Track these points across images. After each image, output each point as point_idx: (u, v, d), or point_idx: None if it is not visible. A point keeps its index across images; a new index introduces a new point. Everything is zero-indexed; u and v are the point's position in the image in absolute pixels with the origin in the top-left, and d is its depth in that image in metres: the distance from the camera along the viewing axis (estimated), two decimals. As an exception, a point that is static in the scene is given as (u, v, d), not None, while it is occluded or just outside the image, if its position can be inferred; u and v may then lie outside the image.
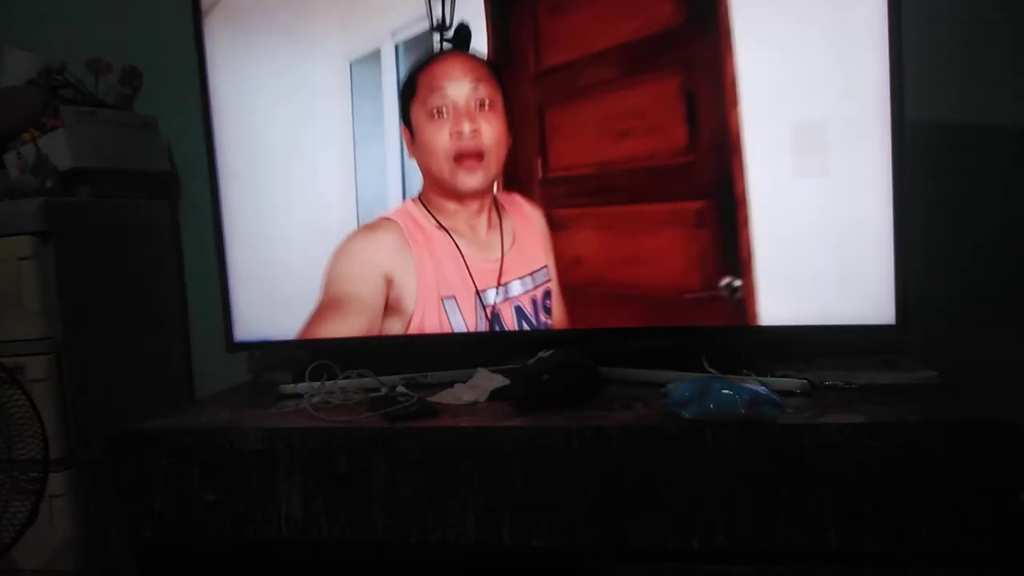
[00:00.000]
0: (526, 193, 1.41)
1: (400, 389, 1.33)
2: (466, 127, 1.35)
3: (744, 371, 1.20)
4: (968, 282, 1.46)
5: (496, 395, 1.27)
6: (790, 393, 1.16)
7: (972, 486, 1.00)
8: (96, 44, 1.76)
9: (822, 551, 1.03)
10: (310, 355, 1.39)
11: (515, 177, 1.42)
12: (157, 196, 1.75)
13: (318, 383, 1.33)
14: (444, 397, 1.29)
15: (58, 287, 1.44)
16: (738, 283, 1.29)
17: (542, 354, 1.27)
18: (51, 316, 1.43)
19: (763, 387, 1.09)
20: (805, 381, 1.19)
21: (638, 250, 1.36)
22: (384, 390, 1.33)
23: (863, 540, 1.02)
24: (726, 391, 1.07)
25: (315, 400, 1.30)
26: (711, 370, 1.22)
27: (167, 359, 1.74)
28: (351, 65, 1.46)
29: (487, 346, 1.41)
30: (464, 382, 1.33)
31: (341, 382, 1.35)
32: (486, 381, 1.31)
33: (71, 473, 1.43)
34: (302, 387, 1.35)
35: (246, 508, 1.20)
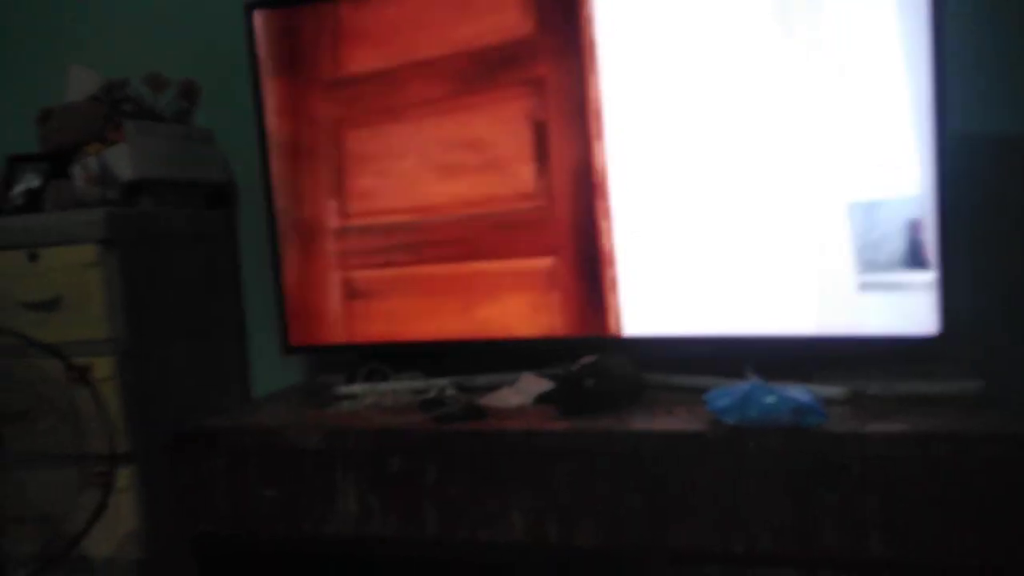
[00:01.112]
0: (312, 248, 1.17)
1: (449, 392, 1.37)
2: None
3: (787, 379, 1.22)
4: (1017, 290, 1.46)
5: (541, 399, 1.30)
6: (833, 401, 1.18)
7: (1020, 498, 1.00)
8: (155, 60, 1.84)
9: (867, 559, 1.05)
10: (363, 358, 1.45)
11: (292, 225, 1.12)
12: (215, 205, 1.82)
13: (371, 385, 1.39)
14: (491, 400, 1.33)
15: (122, 292, 1.51)
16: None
17: (586, 359, 1.30)
18: (115, 319, 1.50)
19: (806, 395, 1.11)
20: (848, 390, 1.20)
21: (472, 323, 1.12)
22: (434, 392, 1.38)
23: (908, 550, 1.03)
24: (769, 399, 1.09)
25: (368, 402, 1.35)
26: (754, 377, 1.24)
27: (225, 361, 1.81)
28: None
29: (534, 350, 1.45)
30: (511, 385, 1.37)
31: (393, 384, 1.40)
32: (532, 385, 1.35)
33: (136, 468, 1.50)
34: (356, 389, 1.40)
35: (303, 505, 1.25)
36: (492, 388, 1.38)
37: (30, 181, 1.68)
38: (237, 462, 1.27)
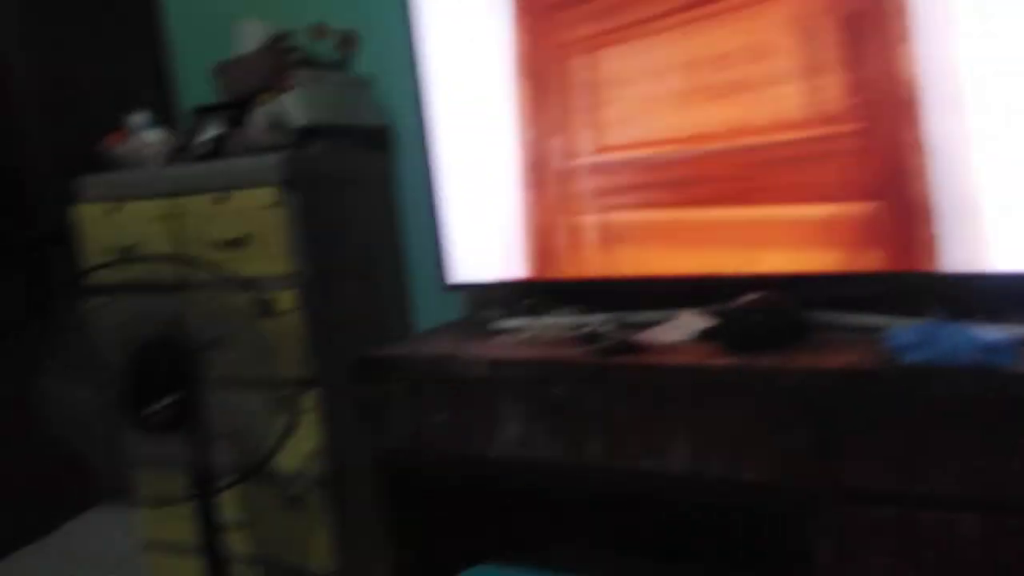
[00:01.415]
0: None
1: (608, 327, 1.40)
2: None
3: (974, 317, 1.15)
4: None
5: (702, 335, 1.30)
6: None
7: None
8: (317, 11, 1.92)
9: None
10: (520, 294, 1.50)
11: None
12: (377, 148, 1.91)
13: (531, 319, 1.44)
14: (651, 335, 1.34)
15: (300, 230, 1.63)
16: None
17: (748, 297, 1.28)
18: (296, 256, 1.63)
19: (996, 334, 1.05)
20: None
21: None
22: (593, 327, 1.41)
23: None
24: (955, 337, 1.04)
25: (528, 335, 1.40)
26: (936, 315, 1.17)
27: (388, 295, 1.91)
28: None
29: (693, 287, 1.43)
30: (669, 322, 1.37)
31: (552, 319, 1.44)
32: (691, 321, 1.34)
33: (318, 391, 1.64)
34: (516, 323, 1.46)
35: (469, 429, 1.33)
36: (651, 325, 1.39)
37: (213, 130, 1.82)
38: (412, 387, 1.36)
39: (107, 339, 1.54)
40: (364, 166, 1.87)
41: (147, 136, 1.87)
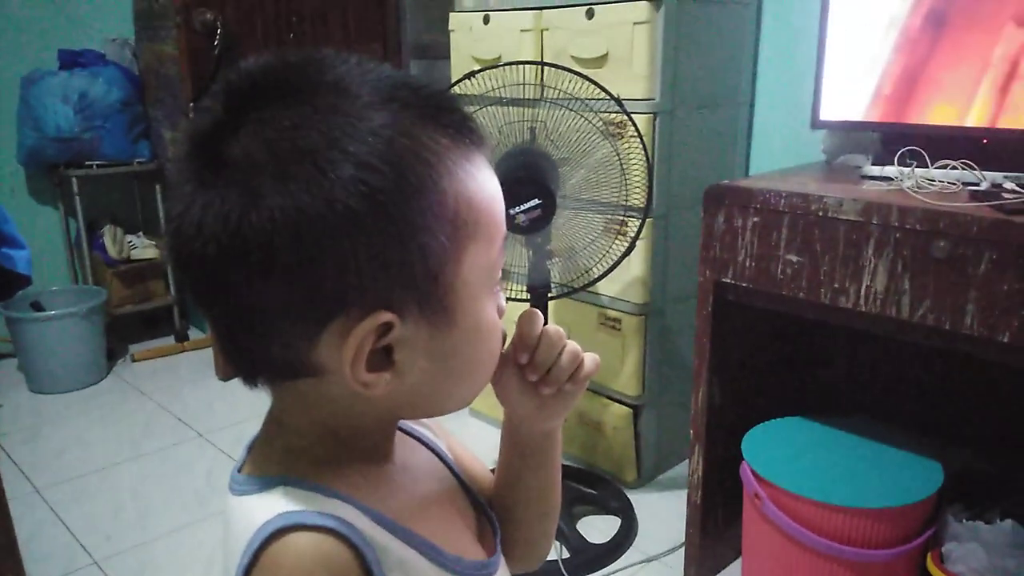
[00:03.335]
0: None
1: (1008, 185, 1.22)
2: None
3: None
4: None
5: None
6: None
7: None
8: None
9: None
10: (889, 142, 1.35)
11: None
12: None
13: (908, 169, 1.29)
14: (1068, 201, 1.14)
15: (663, 52, 1.59)
16: None
17: None
18: (654, 79, 1.61)
19: None
20: None
21: None
22: (986, 185, 1.24)
23: None
24: None
25: (906, 185, 1.27)
26: None
27: (732, 130, 1.84)
28: None
29: None
30: (1096, 189, 1.16)
31: (934, 171, 1.28)
32: None
33: (652, 222, 1.66)
34: (890, 171, 1.33)
35: (826, 274, 1.26)
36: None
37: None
38: (767, 222, 1.31)
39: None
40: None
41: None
